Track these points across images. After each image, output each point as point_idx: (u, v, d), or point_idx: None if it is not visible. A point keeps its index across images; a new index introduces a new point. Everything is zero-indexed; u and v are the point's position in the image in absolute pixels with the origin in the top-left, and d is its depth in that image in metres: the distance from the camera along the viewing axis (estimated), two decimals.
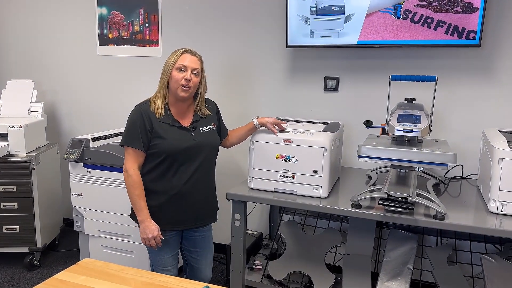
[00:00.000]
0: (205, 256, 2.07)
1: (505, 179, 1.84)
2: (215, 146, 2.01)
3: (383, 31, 2.36)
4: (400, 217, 1.84)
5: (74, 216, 2.70)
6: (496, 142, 1.91)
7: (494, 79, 2.36)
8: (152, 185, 1.90)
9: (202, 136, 1.94)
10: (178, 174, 1.89)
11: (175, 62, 1.87)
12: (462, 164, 2.45)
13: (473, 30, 2.21)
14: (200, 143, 1.91)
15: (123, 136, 1.89)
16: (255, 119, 2.13)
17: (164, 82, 1.89)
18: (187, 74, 1.85)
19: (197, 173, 1.91)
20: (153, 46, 3.08)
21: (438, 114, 2.47)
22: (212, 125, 2.00)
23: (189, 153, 1.89)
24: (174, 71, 1.86)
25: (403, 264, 2.14)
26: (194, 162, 1.90)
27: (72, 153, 2.55)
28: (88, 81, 3.37)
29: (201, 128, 1.95)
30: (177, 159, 1.87)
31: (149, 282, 1.08)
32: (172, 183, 1.88)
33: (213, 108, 2.08)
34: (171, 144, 1.85)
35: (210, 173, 2.01)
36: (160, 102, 1.89)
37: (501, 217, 1.85)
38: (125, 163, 1.88)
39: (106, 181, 2.52)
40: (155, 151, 1.86)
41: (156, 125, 1.86)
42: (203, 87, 1.98)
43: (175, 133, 1.88)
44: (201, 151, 1.92)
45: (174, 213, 1.91)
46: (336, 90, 2.69)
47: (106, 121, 3.34)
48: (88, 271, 1.20)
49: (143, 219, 1.85)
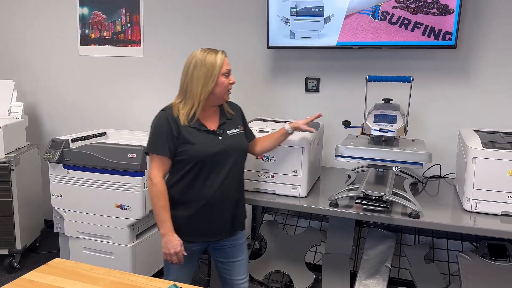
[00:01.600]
0: (239, 268, 1.91)
1: (479, 178, 1.87)
2: (244, 149, 1.89)
3: (361, 32, 2.38)
4: (376, 216, 1.86)
5: (54, 217, 2.68)
6: (470, 141, 1.94)
7: (470, 80, 2.40)
8: (181, 196, 1.78)
9: (230, 139, 1.82)
10: (208, 181, 1.76)
11: (221, 67, 1.76)
12: (440, 164, 2.49)
13: (449, 32, 2.25)
14: (228, 147, 1.79)
15: (148, 143, 1.77)
16: (287, 124, 1.98)
17: (210, 89, 1.75)
18: (232, 78, 1.81)
19: (227, 179, 1.79)
20: (135, 46, 3.07)
21: (416, 114, 2.51)
22: (239, 128, 1.89)
23: (218, 158, 1.77)
24: (221, 77, 1.76)
25: (381, 262, 2.17)
26: (223, 168, 1.78)
27: (51, 153, 2.53)
28: (70, 82, 3.34)
29: (228, 131, 1.84)
30: (207, 165, 1.75)
31: (119, 282, 1.08)
32: (202, 192, 1.76)
33: (238, 111, 1.97)
34: (200, 149, 1.74)
35: (240, 178, 1.89)
36: (191, 108, 1.76)
37: (475, 215, 1.88)
38: (150, 171, 1.76)
39: (86, 182, 2.50)
40: (184, 158, 1.75)
41: (184, 130, 1.74)
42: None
43: (204, 138, 1.77)
44: (230, 156, 1.80)
45: (203, 223, 1.78)
46: (317, 90, 2.72)
47: (88, 122, 3.32)
48: (58, 271, 1.20)
49: (166, 233, 1.72)
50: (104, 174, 2.44)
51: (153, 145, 1.75)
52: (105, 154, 2.43)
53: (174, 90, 3.13)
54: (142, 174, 2.40)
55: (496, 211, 1.87)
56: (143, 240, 2.59)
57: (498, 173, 1.84)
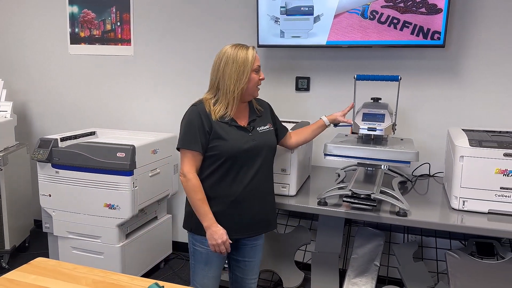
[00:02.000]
0: (252, 268, 1.91)
1: (466, 176, 1.88)
2: (273, 146, 1.87)
3: (351, 31, 2.39)
4: (364, 214, 1.87)
5: (43, 217, 2.66)
6: (458, 140, 1.95)
7: (459, 79, 2.41)
8: (210, 191, 1.76)
9: (260, 136, 1.81)
10: (238, 178, 1.75)
11: (252, 63, 1.74)
12: (429, 163, 2.50)
13: (438, 31, 2.26)
14: (258, 143, 1.78)
15: (179, 139, 1.75)
16: (324, 117, 2.02)
17: (241, 86, 1.73)
18: (262, 74, 1.80)
19: (256, 176, 1.78)
20: (125, 45, 3.06)
21: (405, 113, 2.52)
22: (268, 125, 1.87)
23: (249, 154, 1.76)
24: (252, 74, 1.75)
25: (370, 261, 2.17)
26: (253, 165, 1.77)
27: (40, 153, 2.51)
28: (60, 81, 3.32)
29: (258, 128, 1.83)
30: (237, 162, 1.74)
31: (101, 280, 1.07)
32: (231, 189, 1.75)
33: (267, 108, 1.95)
34: (232, 145, 1.72)
35: (269, 176, 1.87)
36: (227, 104, 1.75)
37: (463, 214, 1.89)
38: (182, 167, 1.73)
39: (75, 181, 2.48)
40: (215, 153, 1.73)
41: (216, 125, 1.73)
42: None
43: (235, 134, 1.75)
44: (260, 153, 1.79)
45: (232, 220, 1.76)
46: (308, 90, 2.72)
47: (78, 121, 3.29)
48: (40, 270, 1.18)
49: (210, 224, 1.71)
50: (93, 174, 2.43)
51: (186, 140, 1.73)
52: (94, 153, 2.42)
53: (164, 88, 3.13)
54: (131, 173, 2.39)
55: (483, 209, 1.88)
56: (132, 240, 2.58)
57: (485, 171, 1.85)
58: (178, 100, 3.02)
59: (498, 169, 1.84)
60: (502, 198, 1.85)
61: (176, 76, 3.00)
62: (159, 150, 2.65)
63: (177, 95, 3.01)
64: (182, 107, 3.00)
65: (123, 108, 3.18)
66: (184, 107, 3.04)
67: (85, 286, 1.06)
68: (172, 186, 2.89)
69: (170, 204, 3.11)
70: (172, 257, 3.09)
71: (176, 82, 3.00)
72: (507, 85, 2.34)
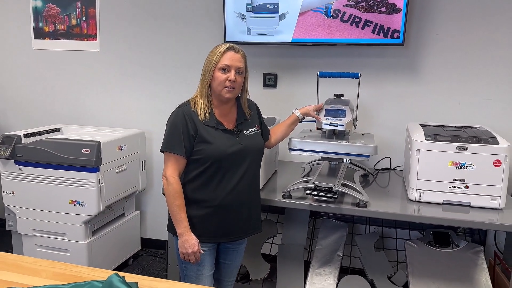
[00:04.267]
0: (231, 271, 1.91)
1: (422, 169, 1.98)
2: (260, 149, 1.84)
3: (315, 29, 2.45)
4: (327, 206, 1.94)
5: (6, 215, 2.61)
6: (415, 134, 2.05)
7: (418, 77, 2.52)
8: (194, 195, 1.73)
9: (247, 139, 1.78)
10: (223, 182, 1.72)
11: (218, 61, 1.69)
12: (389, 157, 2.60)
13: (397, 30, 2.35)
14: (245, 147, 1.75)
15: (163, 141, 1.72)
16: (296, 110, 2.03)
17: (206, 84, 1.72)
18: (231, 75, 1.69)
19: (242, 180, 1.74)
20: (90, 40, 3.02)
21: (367, 109, 2.60)
22: (256, 127, 1.85)
23: (235, 158, 1.72)
24: (217, 72, 1.70)
25: (334, 251, 2.25)
26: (239, 169, 1.74)
27: (2, 149, 2.46)
28: (23, 76, 3.24)
29: (245, 131, 1.79)
30: (223, 166, 1.71)
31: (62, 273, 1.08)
32: (216, 193, 1.72)
33: (254, 108, 1.91)
34: (217, 149, 1.68)
35: (255, 180, 1.84)
36: (204, 104, 1.72)
37: (419, 204, 1.99)
38: (164, 170, 1.70)
39: (39, 178, 2.45)
40: (200, 157, 1.70)
41: (201, 128, 1.70)
42: (246, 87, 1.84)
43: (221, 137, 1.71)
44: (247, 156, 1.75)
45: (217, 225, 1.74)
46: (275, 86, 2.77)
47: (43, 118, 3.23)
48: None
49: (183, 232, 1.68)
50: (58, 170, 2.40)
51: (169, 143, 1.70)
52: (58, 150, 2.39)
53: (130, 84, 3.11)
54: (96, 170, 2.38)
55: (438, 200, 1.98)
56: (99, 237, 2.57)
57: (439, 164, 1.95)
58: (144, 96, 3.01)
59: (451, 161, 1.94)
60: (455, 189, 1.96)
61: (143, 72, 2.99)
62: (125, 147, 2.65)
63: (144, 91, 3.01)
64: (148, 103, 3.01)
65: (89, 104, 3.14)
66: (150, 103, 3.06)
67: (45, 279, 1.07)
68: (140, 182, 2.88)
69: (139, 200, 3.10)
70: (141, 253, 3.09)
71: (142, 78, 2.99)
72: (462, 81, 2.46)
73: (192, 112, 1.72)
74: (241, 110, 1.83)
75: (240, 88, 1.78)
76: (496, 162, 1.90)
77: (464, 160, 1.92)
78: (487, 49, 2.40)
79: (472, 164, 1.92)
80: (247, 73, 1.81)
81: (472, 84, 2.45)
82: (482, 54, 2.41)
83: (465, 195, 1.95)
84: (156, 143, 3.02)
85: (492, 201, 1.92)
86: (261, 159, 1.87)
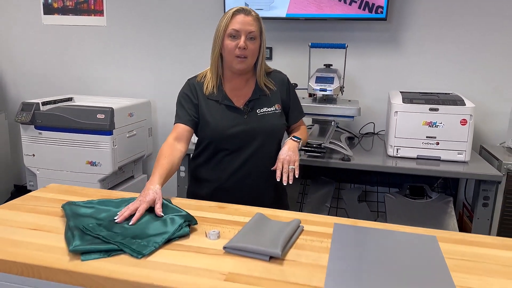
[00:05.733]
0: None
1: (399, 128, 2.27)
2: (273, 132, 1.60)
3: (307, 5, 2.70)
4: (317, 160, 2.22)
5: (27, 176, 2.87)
6: (394, 99, 2.33)
7: (400, 49, 2.79)
8: (197, 173, 1.65)
9: (258, 119, 1.57)
10: (223, 164, 1.57)
11: (226, 27, 1.50)
12: (373, 122, 2.89)
13: (381, 6, 2.60)
14: (253, 128, 1.55)
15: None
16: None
17: (216, 53, 1.55)
18: (241, 41, 1.49)
19: (247, 164, 1.57)
20: (97, 16, 3.24)
21: (353, 79, 2.88)
22: (276, 106, 1.61)
23: (237, 140, 1.55)
24: (226, 39, 1.51)
25: (322, 203, 2.55)
26: (243, 152, 1.56)
27: (23, 116, 2.70)
28: (34, 51, 3.45)
29: (258, 110, 1.58)
30: (221, 147, 1.56)
31: (108, 196, 1.34)
32: (214, 175, 1.59)
33: (281, 83, 1.68)
34: (215, 128, 1.53)
35: (265, 166, 1.58)
36: (212, 77, 1.57)
37: (397, 159, 2.28)
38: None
39: (58, 142, 2.70)
40: (199, 134, 1.60)
41: (202, 102, 1.55)
42: (262, 55, 1.60)
43: (223, 114, 1.55)
44: (254, 139, 1.56)
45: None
46: (270, 58, 3.02)
47: (54, 89, 3.46)
48: (57, 191, 1.47)
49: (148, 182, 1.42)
50: (75, 134, 2.66)
51: (175, 116, 1.61)
52: (75, 115, 2.64)
53: (136, 57, 3.33)
54: (110, 133, 2.63)
55: (413, 155, 2.28)
56: None
57: (414, 123, 2.24)
58: (150, 68, 3.25)
59: (424, 121, 2.23)
60: (428, 145, 2.25)
61: (147, 45, 3.21)
62: (134, 114, 2.90)
63: (149, 63, 3.24)
64: (153, 74, 3.25)
65: (97, 76, 3.37)
66: (155, 74, 3.28)
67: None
68: (147, 147, 3.15)
69: (146, 164, 3.38)
70: None
71: (147, 51, 3.22)
72: (439, 53, 2.73)
73: (197, 84, 1.61)
74: (258, 84, 1.62)
75: (255, 56, 1.57)
76: (462, 121, 2.19)
77: (435, 120, 2.21)
78: (463, 24, 2.66)
79: (442, 123, 2.21)
80: (263, 39, 1.59)
81: (448, 55, 2.72)
82: (458, 28, 2.68)
83: (436, 150, 2.24)
84: (161, 112, 3.27)
85: (459, 155, 2.22)
86: (277, 142, 1.65)
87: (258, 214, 1.29)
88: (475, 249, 1.15)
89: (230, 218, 1.32)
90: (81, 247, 1.07)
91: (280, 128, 1.66)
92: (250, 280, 0.97)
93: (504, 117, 2.65)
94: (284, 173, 1.48)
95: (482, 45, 2.66)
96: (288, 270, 1.02)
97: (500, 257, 1.10)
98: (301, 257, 1.08)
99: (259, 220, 1.25)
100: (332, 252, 1.10)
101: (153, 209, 1.31)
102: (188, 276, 0.98)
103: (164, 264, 1.03)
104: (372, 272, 1.01)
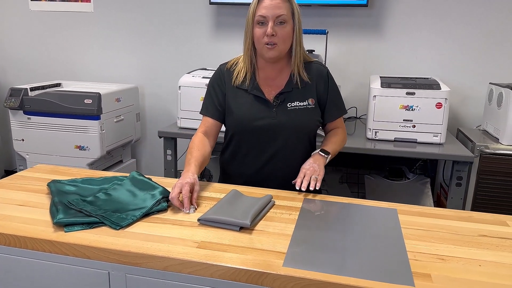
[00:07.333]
0: None
1: (378, 111, 2.35)
2: (301, 128, 1.51)
3: None
4: None
5: (17, 160, 2.92)
6: (373, 83, 2.40)
7: (381, 35, 2.85)
8: (224, 166, 1.61)
9: (286, 114, 1.48)
10: (249, 158, 1.52)
11: (254, 14, 1.41)
12: (356, 107, 2.96)
13: None
14: (280, 123, 1.47)
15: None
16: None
17: (248, 43, 1.48)
18: (268, 28, 1.39)
19: (274, 160, 1.50)
20: (85, 2, 3.26)
21: (337, 64, 2.94)
22: (309, 100, 1.51)
23: (263, 134, 1.48)
24: (255, 27, 1.43)
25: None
26: (270, 147, 1.49)
27: (11, 101, 2.75)
28: (22, 37, 3.48)
29: (289, 104, 1.48)
30: (246, 141, 1.50)
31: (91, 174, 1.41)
32: (241, 169, 1.55)
33: (320, 76, 1.54)
34: (239, 120, 1.47)
35: (294, 162, 1.50)
36: (244, 66, 1.50)
37: (375, 142, 2.37)
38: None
39: (47, 127, 2.75)
40: (226, 123, 1.55)
41: (230, 92, 1.50)
42: (297, 40, 1.47)
43: (249, 105, 1.48)
44: (281, 134, 1.48)
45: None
46: None
47: (41, 75, 3.49)
48: (43, 171, 1.54)
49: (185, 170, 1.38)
50: (63, 119, 2.71)
51: (203, 105, 1.58)
52: (63, 101, 2.69)
53: (123, 43, 3.36)
54: (98, 118, 2.69)
55: (390, 137, 2.36)
56: None
57: (391, 107, 2.32)
58: (137, 53, 3.29)
59: (401, 105, 2.31)
60: (405, 128, 2.33)
61: (134, 31, 3.25)
62: (122, 99, 2.95)
63: (136, 49, 3.28)
64: (140, 60, 3.29)
65: (85, 62, 3.41)
66: (142, 60, 3.32)
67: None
68: (135, 132, 3.21)
69: (134, 150, 3.44)
70: None
71: (134, 37, 3.26)
72: (419, 39, 2.80)
73: (226, 71, 1.54)
74: (292, 76, 1.51)
75: (287, 42, 1.45)
76: (438, 105, 2.27)
77: (412, 104, 2.29)
78: (442, 10, 2.73)
79: (418, 106, 2.29)
80: (296, 21, 1.46)
81: (427, 41, 2.80)
82: (437, 14, 2.74)
83: (412, 133, 2.33)
84: (148, 98, 3.33)
85: (434, 137, 2.31)
86: (309, 141, 1.57)
87: (233, 190, 1.36)
88: (431, 220, 1.24)
89: (207, 195, 1.39)
90: (64, 219, 1.14)
91: (312, 124, 1.55)
92: (220, 247, 1.05)
93: (482, 101, 2.74)
94: (304, 180, 1.40)
95: (461, 31, 2.73)
96: (255, 238, 1.10)
97: (452, 226, 1.19)
98: (269, 227, 1.17)
99: (233, 196, 1.33)
100: (298, 222, 1.19)
101: (137, 184, 1.38)
102: (163, 244, 1.06)
103: (141, 234, 1.11)
104: (332, 239, 1.09)
